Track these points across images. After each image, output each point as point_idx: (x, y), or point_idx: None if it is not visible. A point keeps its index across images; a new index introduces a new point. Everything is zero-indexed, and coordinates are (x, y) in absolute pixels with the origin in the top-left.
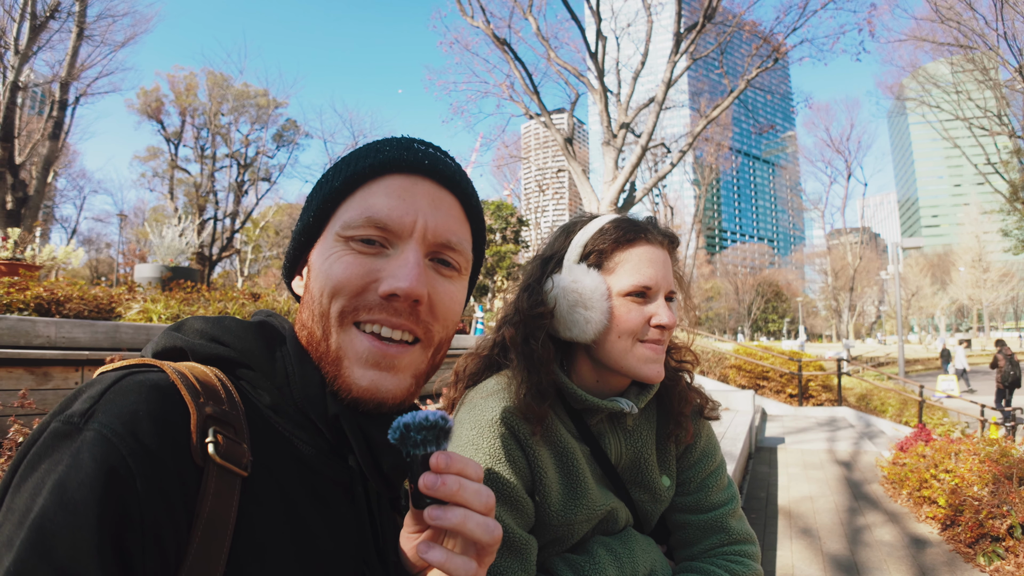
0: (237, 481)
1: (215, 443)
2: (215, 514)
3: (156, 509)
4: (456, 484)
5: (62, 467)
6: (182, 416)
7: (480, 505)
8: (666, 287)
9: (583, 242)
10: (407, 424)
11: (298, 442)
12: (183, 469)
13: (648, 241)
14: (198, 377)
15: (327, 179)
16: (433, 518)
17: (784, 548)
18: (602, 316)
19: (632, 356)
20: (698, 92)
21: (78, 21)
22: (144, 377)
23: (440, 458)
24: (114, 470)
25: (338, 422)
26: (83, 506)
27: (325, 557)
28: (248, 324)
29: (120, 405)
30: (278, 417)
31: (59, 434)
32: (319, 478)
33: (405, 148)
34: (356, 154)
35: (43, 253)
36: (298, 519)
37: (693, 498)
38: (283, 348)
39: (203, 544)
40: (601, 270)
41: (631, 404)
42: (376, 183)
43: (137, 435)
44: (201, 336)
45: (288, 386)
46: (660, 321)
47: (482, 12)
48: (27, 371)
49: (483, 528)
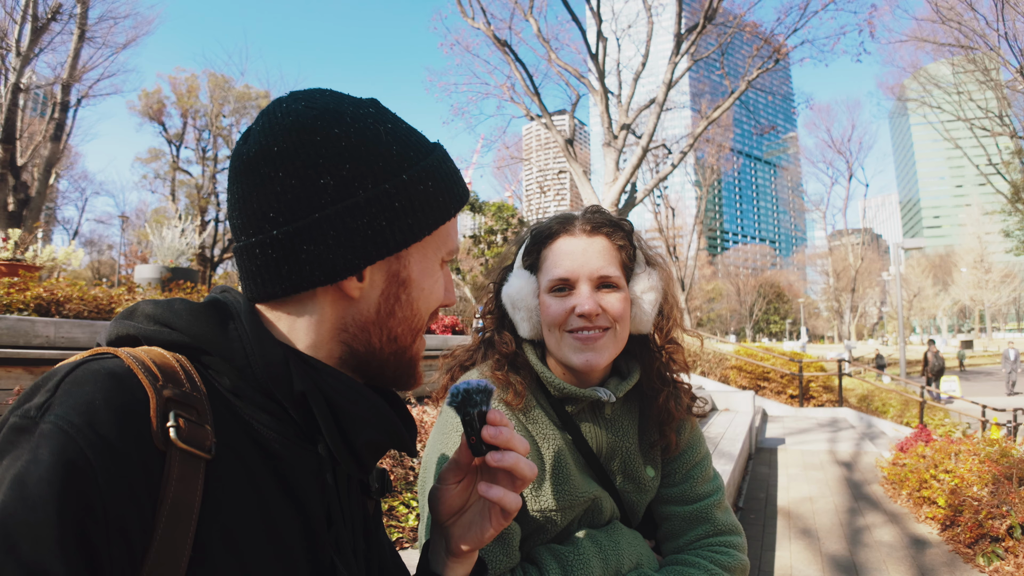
0: (201, 464)
1: (176, 427)
2: (179, 499)
3: (118, 500)
4: (510, 433)
5: (21, 463)
6: (140, 402)
7: (523, 449)
8: (589, 274)
9: (524, 247)
10: (467, 389)
11: (261, 427)
12: (144, 456)
13: (568, 233)
14: (155, 361)
15: (435, 195)
16: (496, 460)
17: (783, 549)
18: (532, 314)
19: (564, 346)
20: (699, 93)
21: (79, 23)
22: (99, 365)
23: (495, 414)
24: (72, 463)
25: (304, 400)
26: (42, 501)
27: (292, 544)
28: (197, 306)
29: (76, 395)
30: (239, 401)
31: (17, 428)
32: (284, 464)
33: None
34: (444, 176)
35: (43, 254)
36: (264, 504)
37: (678, 489)
38: (236, 325)
39: (167, 530)
40: (536, 270)
41: (609, 393)
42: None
43: (94, 426)
44: (151, 321)
45: (249, 367)
46: (580, 309)
47: (483, 14)
48: (26, 371)
49: (529, 467)
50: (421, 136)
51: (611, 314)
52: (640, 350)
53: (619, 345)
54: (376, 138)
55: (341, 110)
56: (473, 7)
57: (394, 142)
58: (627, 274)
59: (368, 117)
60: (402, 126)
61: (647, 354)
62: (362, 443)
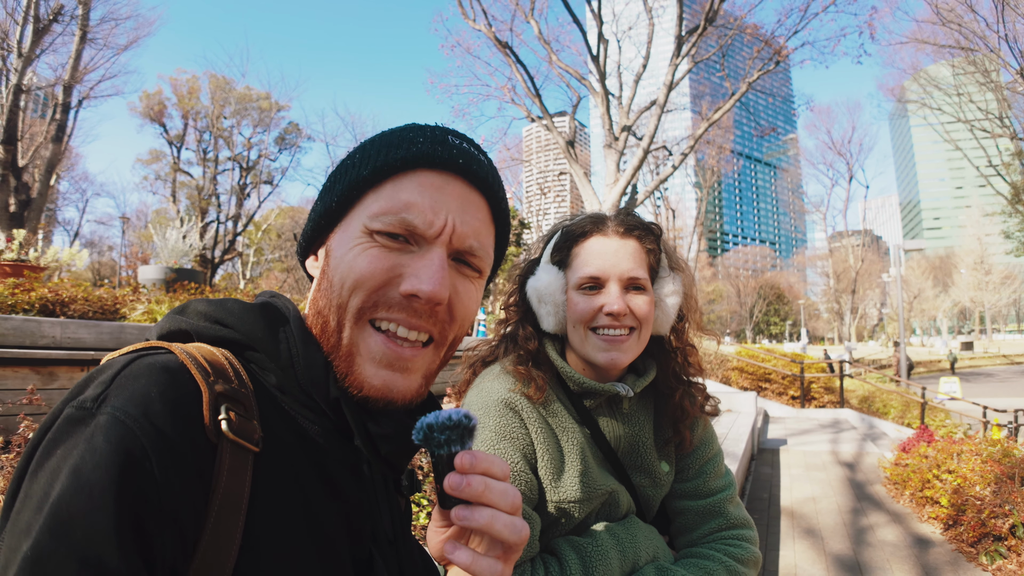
0: (249, 457)
1: (228, 420)
2: (229, 491)
3: (173, 490)
4: (481, 485)
5: (77, 452)
6: (194, 396)
7: (507, 505)
8: (620, 275)
9: (553, 243)
10: (430, 425)
11: (304, 421)
12: (198, 448)
13: (601, 233)
14: (206, 357)
15: (354, 163)
16: (461, 519)
17: (787, 548)
18: (558, 309)
19: (588, 344)
20: (700, 95)
21: (81, 24)
22: (154, 359)
23: (465, 458)
24: (130, 452)
25: (339, 405)
26: (99, 490)
27: (334, 536)
28: (251, 306)
29: (132, 388)
30: (284, 397)
31: (73, 419)
32: (327, 457)
33: (439, 143)
34: (386, 141)
35: (47, 255)
36: (308, 497)
37: (692, 484)
38: (287, 329)
39: (218, 521)
40: (565, 267)
41: (627, 388)
42: (407, 177)
43: (151, 417)
44: (205, 318)
45: (292, 368)
46: (609, 308)
47: (484, 15)
48: (33, 371)
49: (510, 528)
50: (409, 126)
51: (638, 315)
52: (657, 349)
53: (642, 345)
54: (361, 147)
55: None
56: (474, 8)
57: (368, 139)
58: (652, 277)
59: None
60: (397, 129)
61: (663, 354)
62: (388, 451)
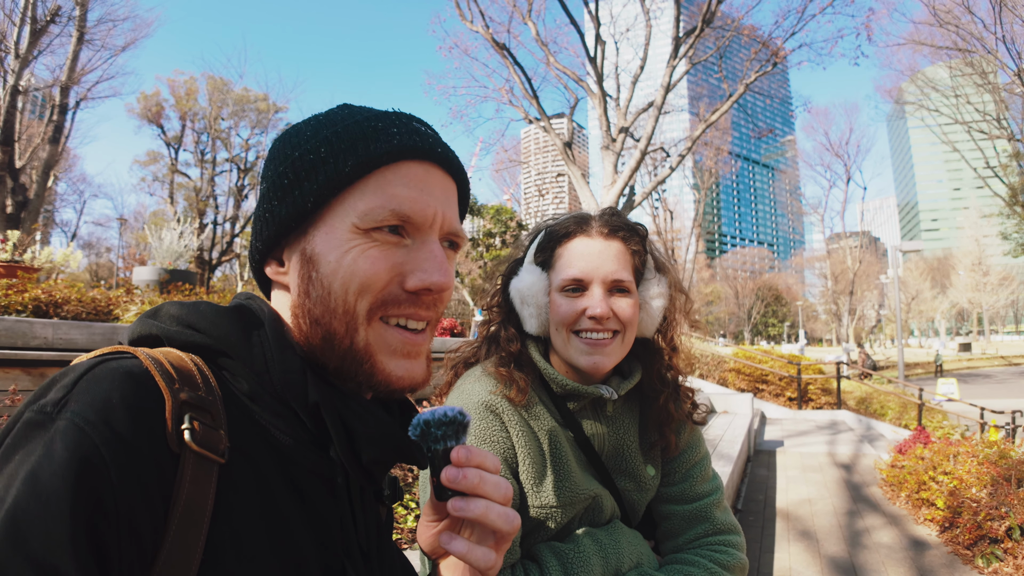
0: (214, 468)
1: (191, 429)
2: (191, 502)
3: (131, 498)
4: (476, 477)
5: (35, 457)
6: (156, 403)
7: (500, 496)
8: (603, 277)
9: (536, 243)
10: (427, 421)
11: (276, 431)
12: (158, 457)
13: (584, 234)
14: (173, 363)
15: (322, 159)
16: (457, 509)
17: (782, 551)
18: (541, 311)
19: (570, 348)
20: (697, 96)
21: (78, 25)
22: (117, 364)
23: (461, 452)
24: (87, 459)
25: (318, 411)
26: (55, 497)
27: (303, 549)
28: (224, 309)
29: (93, 393)
30: (255, 405)
31: (32, 423)
32: (298, 469)
33: (414, 133)
34: (357, 132)
35: (42, 256)
36: (275, 509)
37: (678, 488)
38: (261, 333)
39: (179, 532)
40: (549, 268)
41: (611, 390)
42: (390, 171)
43: (110, 423)
44: (176, 322)
45: (267, 373)
46: (592, 312)
47: (481, 17)
48: (24, 372)
49: (503, 518)
50: (365, 113)
51: (621, 319)
52: (643, 351)
53: (626, 349)
54: (299, 132)
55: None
56: (471, 10)
57: (315, 128)
58: (637, 278)
59: (312, 120)
60: (353, 116)
61: (649, 356)
62: (369, 459)
